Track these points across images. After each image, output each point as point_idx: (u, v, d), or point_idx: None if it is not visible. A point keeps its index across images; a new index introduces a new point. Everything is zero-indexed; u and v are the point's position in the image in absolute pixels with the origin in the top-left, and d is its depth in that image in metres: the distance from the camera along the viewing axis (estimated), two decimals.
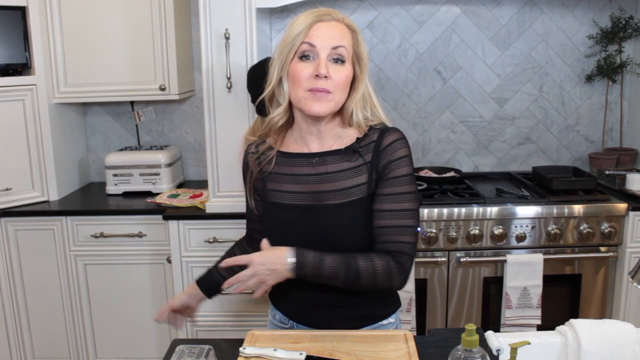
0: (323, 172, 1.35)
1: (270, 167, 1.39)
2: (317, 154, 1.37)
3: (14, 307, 2.62)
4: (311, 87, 1.27)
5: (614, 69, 2.87)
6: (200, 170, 3.07)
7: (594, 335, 1.17)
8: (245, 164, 1.46)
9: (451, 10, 2.90)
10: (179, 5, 2.70)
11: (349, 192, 1.34)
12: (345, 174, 1.34)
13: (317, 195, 1.35)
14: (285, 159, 1.39)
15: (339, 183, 1.34)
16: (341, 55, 1.29)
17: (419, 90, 2.97)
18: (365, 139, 1.36)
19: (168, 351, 1.31)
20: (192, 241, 2.47)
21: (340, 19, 1.32)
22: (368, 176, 1.34)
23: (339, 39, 1.28)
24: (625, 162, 2.88)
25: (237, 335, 1.39)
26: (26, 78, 2.58)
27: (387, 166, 1.33)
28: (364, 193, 1.33)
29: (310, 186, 1.36)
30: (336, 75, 1.28)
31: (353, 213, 1.33)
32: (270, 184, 1.40)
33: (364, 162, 1.34)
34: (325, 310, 1.40)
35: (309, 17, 1.29)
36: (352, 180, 1.34)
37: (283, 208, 1.38)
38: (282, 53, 1.30)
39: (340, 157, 1.35)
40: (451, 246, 2.46)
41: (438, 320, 2.53)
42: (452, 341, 1.27)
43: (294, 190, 1.37)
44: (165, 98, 2.71)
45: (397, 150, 1.34)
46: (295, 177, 1.37)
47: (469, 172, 3.02)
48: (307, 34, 1.27)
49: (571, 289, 2.53)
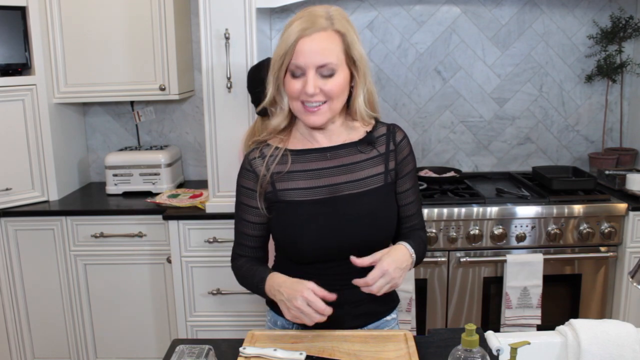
0: (339, 165, 1.39)
1: (286, 167, 1.38)
2: (330, 148, 1.40)
3: (14, 307, 2.62)
4: (303, 101, 1.31)
5: (614, 69, 2.87)
6: (200, 170, 3.07)
7: (594, 335, 1.17)
8: (250, 173, 1.40)
9: (451, 10, 2.90)
10: (179, 5, 2.70)
11: (366, 181, 1.39)
12: (362, 164, 1.40)
13: (334, 188, 1.38)
14: (296, 156, 1.40)
15: (355, 174, 1.39)
16: (330, 70, 1.29)
17: (419, 90, 2.97)
18: (374, 132, 1.42)
19: (168, 351, 1.31)
20: (192, 241, 2.47)
21: (327, 26, 1.28)
22: (385, 166, 1.41)
23: (323, 56, 1.27)
24: (625, 162, 2.88)
25: (237, 335, 1.39)
26: (26, 78, 2.58)
27: (402, 162, 1.43)
28: (381, 182, 1.40)
29: (326, 179, 1.38)
30: (327, 86, 1.29)
31: (371, 202, 1.38)
32: (281, 184, 1.38)
33: (378, 154, 1.41)
34: (335, 309, 1.40)
35: (294, 30, 1.27)
36: (369, 171, 1.40)
37: (298, 205, 1.37)
38: (274, 67, 1.33)
39: (355, 149, 1.40)
40: (451, 246, 2.46)
41: (438, 320, 2.53)
42: (452, 341, 1.27)
43: (308, 186, 1.38)
44: (165, 98, 2.71)
45: (407, 146, 1.45)
46: (309, 172, 1.39)
47: (469, 172, 3.02)
48: (293, 54, 1.27)
49: (571, 289, 2.53)
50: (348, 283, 1.33)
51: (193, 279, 2.51)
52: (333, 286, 1.32)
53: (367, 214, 1.37)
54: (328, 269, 1.39)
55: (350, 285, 1.31)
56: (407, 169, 1.44)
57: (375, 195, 1.39)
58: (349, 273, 1.34)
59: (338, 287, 1.34)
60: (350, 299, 1.40)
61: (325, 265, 1.39)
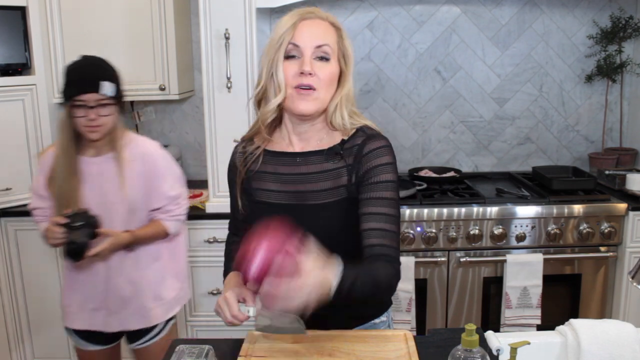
0: (305, 172, 1.36)
1: (257, 166, 1.40)
2: (301, 153, 1.38)
3: (14, 307, 2.62)
4: (296, 84, 1.30)
5: (614, 69, 2.87)
6: (200, 170, 3.07)
7: (594, 335, 1.17)
8: (232, 164, 1.47)
9: (451, 10, 2.90)
10: (179, 5, 2.70)
11: (329, 193, 1.34)
12: (326, 175, 1.35)
13: (300, 195, 1.36)
14: (271, 157, 1.40)
15: (319, 184, 1.35)
16: (326, 53, 1.31)
17: (419, 90, 2.97)
18: (350, 141, 1.36)
19: (168, 351, 1.30)
20: (192, 241, 2.47)
21: (324, 17, 1.34)
22: (347, 179, 1.33)
23: (322, 38, 1.31)
24: (625, 162, 2.88)
25: (237, 335, 1.39)
26: (26, 78, 2.58)
27: (369, 171, 1.32)
28: (343, 195, 1.33)
29: (292, 186, 1.36)
30: (321, 72, 1.30)
31: (332, 214, 1.33)
32: (256, 182, 1.40)
33: (345, 165, 1.34)
34: (317, 312, 1.39)
35: (293, 16, 1.32)
36: (332, 182, 1.34)
37: (268, 207, 1.38)
38: (269, 53, 1.32)
39: (323, 157, 1.36)
40: (451, 246, 2.46)
41: (438, 320, 2.53)
42: (452, 341, 1.27)
43: (278, 189, 1.37)
44: (165, 98, 2.71)
45: (381, 156, 1.33)
46: (278, 176, 1.38)
47: (469, 172, 3.02)
48: (292, 34, 1.30)
49: (571, 289, 2.53)
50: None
51: (193, 279, 2.51)
52: None
53: (325, 226, 1.32)
54: None
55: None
56: (373, 179, 1.31)
57: (336, 208, 1.33)
58: None
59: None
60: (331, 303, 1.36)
61: None
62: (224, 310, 1.24)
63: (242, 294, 1.26)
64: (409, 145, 3.01)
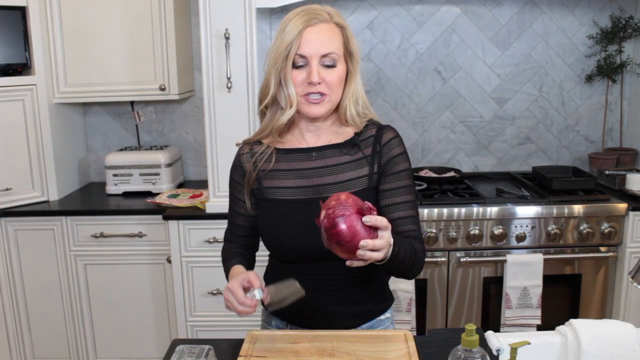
0: (323, 166, 1.39)
1: (269, 165, 1.41)
2: (316, 148, 1.40)
3: (14, 307, 2.62)
4: (305, 93, 1.32)
5: (614, 69, 2.87)
6: (200, 170, 3.07)
7: (594, 335, 1.17)
8: (238, 167, 1.45)
9: (451, 10, 2.90)
10: (179, 5, 2.70)
11: (350, 184, 1.37)
12: (346, 166, 1.39)
13: (317, 189, 1.37)
14: (283, 155, 1.41)
15: (339, 175, 1.38)
16: (332, 60, 1.32)
17: (419, 90, 2.97)
18: (363, 134, 1.40)
19: (168, 351, 1.31)
20: (192, 241, 2.47)
21: (328, 18, 1.34)
22: (369, 169, 1.38)
23: (328, 46, 1.31)
24: (625, 162, 2.88)
25: (237, 335, 1.40)
26: (26, 78, 2.58)
27: (390, 161, 1.38)
28: (365, 185, 1.37)
29: (310, 180, 1.38)
30: (329, 77, 1.32)
31: None
32: (267, 181, 1.41)
33: (364, 156, 1.39)
34: (326, 310, 1.40)
35: (297, 23, 1.31)
36: (353, 173, 1.38)
37: (280, 203, 1.38)
38: (276, 62, 1.33)
39: (340, 150, 1.39)
40: (451, 246, 2.46)
41: (438, 320, 2.53)
42: (452, 341, 1.27)
43: (294, 185, 1.39)
44: (165, 98, 2.71)
45: (396, 146, 1.39)
46: (294, 172, 1.39)
47: (469, 172, 3.02)
48: (298, 44, 1.30)
49: (571, 289, 2.53)
50: (337, 282, 1.34)
51: (193, 279, 2.51)
52: (322, 286, 1.33)
53: None
54: (315, 268, 1.38)
55: (340, 284, 1.31)
56: (394, 169, 1.37)
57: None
58: (338, 273, 1.35)
59: (328, 287, 1.35)
60: (341, 298, 1.40)
61: (311, 265, 1.38)
62: (231, 300, 1.24)
63: (246, 279, 1.26)
64: (409, 145, 3.01)
